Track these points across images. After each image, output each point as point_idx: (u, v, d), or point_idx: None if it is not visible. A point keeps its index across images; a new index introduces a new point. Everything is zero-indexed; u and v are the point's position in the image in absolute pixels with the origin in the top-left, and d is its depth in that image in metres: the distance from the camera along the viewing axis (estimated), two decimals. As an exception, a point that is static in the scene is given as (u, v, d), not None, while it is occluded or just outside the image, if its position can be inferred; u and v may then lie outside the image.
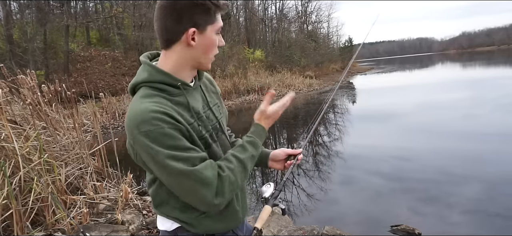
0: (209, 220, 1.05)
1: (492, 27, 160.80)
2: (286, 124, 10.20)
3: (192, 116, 0.98)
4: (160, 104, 0.91)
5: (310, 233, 3.20)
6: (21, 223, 2.74)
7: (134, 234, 3.15)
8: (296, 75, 23.02)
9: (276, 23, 32.04)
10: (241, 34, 27.55)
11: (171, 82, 0.97)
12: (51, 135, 3.88)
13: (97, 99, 9.96)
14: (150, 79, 0.98)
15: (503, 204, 3.73)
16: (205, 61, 1.01)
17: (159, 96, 0.94)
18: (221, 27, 1.01)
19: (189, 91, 1.02)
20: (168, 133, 0.88)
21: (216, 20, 0.98)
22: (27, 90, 3.88)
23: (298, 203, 4.30)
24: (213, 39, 0.99)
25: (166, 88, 0.97)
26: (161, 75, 0.97)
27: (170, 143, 0.88)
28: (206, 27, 0.96)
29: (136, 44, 18.24)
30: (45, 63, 14.52)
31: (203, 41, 0.97)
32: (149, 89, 0.96)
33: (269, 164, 1.26)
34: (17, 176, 2.86)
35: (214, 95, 1.17)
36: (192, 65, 1.02)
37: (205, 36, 0.97)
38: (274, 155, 1.26)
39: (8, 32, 13.46)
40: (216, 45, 1.01)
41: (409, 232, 3.22)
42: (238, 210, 1.12)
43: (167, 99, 0.95)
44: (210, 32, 0.97)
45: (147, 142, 0.87)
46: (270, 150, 1.27)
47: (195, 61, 1.01)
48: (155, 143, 0.87)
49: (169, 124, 0.89)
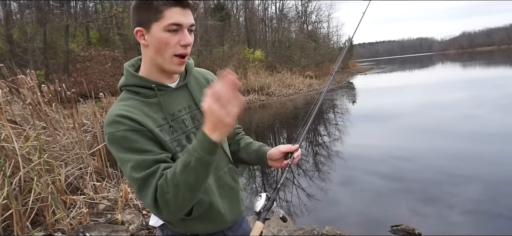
0: (189, 221, 1.04)
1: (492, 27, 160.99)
2: (286, 124, 10.20)
3: (164, 117, 0.98)
4: (127, 107, 0.94)
5: (310, 233, 3.20)
6: (21, 223, 2.74)
7: (134, 234, 3.15)
8: (296, 75, 23.02)
9: (276, 23, 32.03)
10: (241, 34, 27.54)
11: (144, 85, 0.98)
12: (51, 135, 3.88)
13: (97, 99, 9.92)
14: (126, 83, 1.01)
15: (504, 204, 3.72)
16: (162, 62, 0.95)
17: (133, 99, 0.97)
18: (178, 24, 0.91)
19: (167, 92, 1.01)
20: (126, 136, 0.89)
21: (163, 17, 0.90)
22: (27, 90, 3.88)
23: (298, 203, 4.30)
24: (162, 37, 0.91)
25: (141, 91, 0.98)
26: (134, 78, 0.99)
27: (126, 145, 0.89)
28: (150, 25, 0.92)
29: (136, 44, 18.19)
30: (45, 63, 14.52)
31: (152, 40, 0.93)
32: (126, 92, 1.00)
33: (269, 163, 1.21)
34: (17, 176, 2.86)
35: None
36: (156, 66, 0.98)
37: (151, 35, 0.93)
38: (270, 155, 1.18)
39: (8, 32, 13.46)
40: (172, 43, 0.92)
41: (409, 232, 3.21)
42: (224, 213, 1.08)
43: (140, 101, 0.97)
44: (156, 30, 0.91)
45: (110, 144, 0.92)
46: (269, 148, 1.21)
47: (154, 62, 0.97)
48: (114, 144, 0.90)
49: (128, 127, 0.90)
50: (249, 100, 16.04)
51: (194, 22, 0.96)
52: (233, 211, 1.12)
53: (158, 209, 0.88)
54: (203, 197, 1.02)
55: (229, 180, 1.12)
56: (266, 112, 13.13)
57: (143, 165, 0.88)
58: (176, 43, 0.93)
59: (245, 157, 1.24)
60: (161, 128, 0.96)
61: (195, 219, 1.04)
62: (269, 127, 9.85)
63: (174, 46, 0.93)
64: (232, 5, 27.30)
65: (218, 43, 19.75)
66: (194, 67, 1.14)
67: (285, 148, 1.16)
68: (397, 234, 3.26)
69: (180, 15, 0.91)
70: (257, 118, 11.51)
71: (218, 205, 1.06)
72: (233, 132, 1.27)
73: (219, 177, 1.09)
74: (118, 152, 0.90)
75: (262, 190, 4.93)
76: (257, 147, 1.23)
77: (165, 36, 0.92)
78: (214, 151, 0.83)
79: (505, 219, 3.41)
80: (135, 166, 0.88)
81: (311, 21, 39.49)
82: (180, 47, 0.94)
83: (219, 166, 1.10)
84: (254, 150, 1.22)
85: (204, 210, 1.04)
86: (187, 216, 1.02)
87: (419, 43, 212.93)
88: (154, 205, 0.87)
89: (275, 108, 13.94)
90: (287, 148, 1.16)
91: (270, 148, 1.20)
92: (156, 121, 0.95)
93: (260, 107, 14.49)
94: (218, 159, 1.07)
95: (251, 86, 17.41)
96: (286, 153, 1.16)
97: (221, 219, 1.08)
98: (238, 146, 1.26)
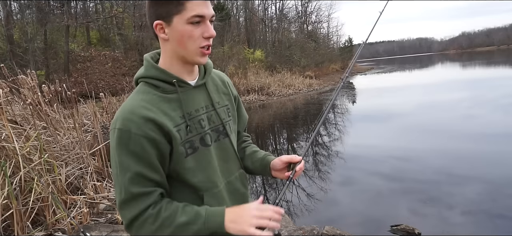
0: None
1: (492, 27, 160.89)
2: (286, 124, 10.20)
3: (182, 116, 0.94)
4: (145, 102, 0.90)
5: (310, 233, 3.20)
6: (22, 223, 2.74)
7: (134, 234, 3.15)
8: (296, 75, 23.03)
9: (276, 23, 32.03)
10: (241, 34, 27.55)
11: (165, 78, 0.94)
12: (52, 135, 3.89)
13: (97, 99, 9.93)
14: (145, 75, 0.96)
15: (504, 204, 3.73)
16: (185, 55, 0.93)
17: (151, 93, 0.93)
18: (200, 16, 0.89)
19: (186, 90, 0.97)
20: (139, 142, 0.86)
21: (185, 9, 0.87)
22: (28, 90, 3.89)
23: (298, 203, 4.30)
24: (185, 30, 0.89)
25: (160, 85, 0.94)
26: (155, 70, 0.95)
27: (135, 150, 0.86)
28: (171, 18, 0.89)
29: (136, 44, 18.25)
30: (45, 63, 14.52)
31: (173, 33, 0.90)
32: (144, 85, 0.96)
33: (272, 174, 1.14)
34: (18, 176, 2.86)
35: (224, 96, 1.11)
36: (178, 59, 0.95)
37: (173, 28, 0.90)
38: (273, 165, 1.12)
39: (9, 32, 13.46)
40: (195, 36, 0.90)
41: (409, 232, 3.22)
42: None
43: (159, 96, 0.93)
44: (178, 23, 0.88)
45: (116, 140, 0.87)
46: (274, 157, 1.14)
47: (176, 54, 0.94)
48: (121, 144, 0.86)
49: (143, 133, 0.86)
50: (249, 100, 16.04)
51: (214, 12, 0.93)
52: None
53: (130, 229, 0.87)
54: (211, 202, 0.98)
55: (239, 185, 1.09)
56: (266, 112, 13.13)
57: (143, 182, 0.85)
58: (200, 35, 0.90)
59: (249, 166, 1.19)
60: (179, 127, 0.92)
61: None
62: (269, 127, 9.85)
63: (198, 38, 0.90)
64: (232, 5, 27.30)
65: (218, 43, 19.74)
66: (213, 69, 1.12)
67: (287, 158, 1.09)
68: (397, 234, 3.27)
69: (202, 6, 0.88)
70: (257, 118, 11.51)
71: None
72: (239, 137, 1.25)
73: (229, 182, 1.06)
74: (121, 154, 0.86)
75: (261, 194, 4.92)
76: (261, 156, 1.17)
77: (188, 28, 0.89)
78: (214, 233, 0.86)
79: (505, 219, 3.41)
80: (135, 179, 0.85)
81: (311, 21, 39.55)
82: (204, 39, 0.91)
83: (231, 170, 1.06)
84: (259, 159, 1.17)
85: None
86: None
87: (419, 43, 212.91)
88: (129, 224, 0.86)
89: (275, 108, 13.94)
90: (289, 158, 1.09)
91: (274, 158, 1.15)
92: (174, 120, 0.92)
93: (260, 107, 14.49)
94: (230, 162, 1.06)
95: (251, 86, 17.41)
96: (288, 163, 1.10)
97: None
98: (243, 154, 1.22)
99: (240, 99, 1.23)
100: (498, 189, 4.14)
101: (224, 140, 1.04)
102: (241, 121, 1.23)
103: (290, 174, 1.07)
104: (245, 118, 1.24)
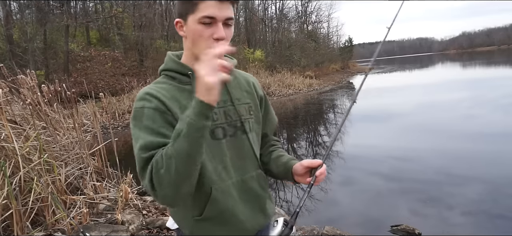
0: (202, 223, 1.00)
1: (492, 27, 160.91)
2: (286, 124, 10.20)
3: None
4: (159, 88, 0.97)
5: (310, 233, 3.20)
6: (21, 223, 2.74)
7: (134, 234, 3.15)
8: (296, 75, 23.03)
9: (276, 23, 32.04)
10: (241, 34, 27.54)
11: (181, 70, 1.00)
12: (51, 135, 3.88)
13: (97, 99, 9.95)
14: (165, 67, 1.04)
15: (504, 204, 3.72)
16: (198, 53, 0.93)
17: (167, 83, 0.99)
18: (211, 17, 0.90)
19: None
20: (147, 113, 0.91)
21: (198, 9, 0.90)
22: (27, 90, 3.88)
23: (298, 203, 4.30)
24: (196, 29, 0.92)
25: (176, 76, 1.00)
26: (173, 63, 1.02)
27: (144, 122, 0.90)
28: (187, 17, 0.93)
29: (136, 44, 18.23)
30: (45, 63, 14.51)
31: (188, 31, 0.95)
32: (163, 77, 1.03)
33: (295, 179, 1.09)
34: (17, 176, 2.86)
35: (247, 94, 1.11)
36: (193, 56, 0.97)
37: (188, 26, 0.94)
38: (295, 170, 1.08)
39: (8, 32, 13.45)
40: (205, 36, 0.91)
41: (409, 232, 3.21)
42: (243, 219, 1.02)
43: (174, 86, 0.99)
44: (191, 22, 0.92)
45: (131, 119, 0.94)
46: (296, 161, 1.10)
47: (191, 51, 0.98)
48: (135, 119, 0.93)
49: (152, 105, 0.92)
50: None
51: (232, 15, 0.94)
52: (255, 219, 1.06)
53: (154, 189, 0.84)
54: (218, 197, 0.98)
55: (256, 186, 1.07)
56: (266, 112, 13.12)
57: (151, 146, 0.87)
58: (209, 36, 0.92)
59: (274, 170, 1.15)
60: None
61: (209, 221, 1.00)
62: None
63: (207, 39, 0.92)
64: (232, 5, 27.23)
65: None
66: (237, 69, 1.13)
67: (308, 163, 1.05)
68: (397, 234, 3.26)
69: (214, 8, 0.90)
70: (257, 118, 11.50)
71: (236, 209, 1.01)
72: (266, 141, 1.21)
73: (244, 181, 1.04)
74: (135, 127, 0.92)
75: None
76: (285, 161, 1.12)
77: (198, 28, 0.92)
78: (206, 115, 0.80)
79: (506, 220, 3.41)
80: (143, 146, 0.88)
81: (311, 21, 39.57)
82: (213, 40, 0.92)
83: (245, 168, 1.05)
84: (283, 163, 1.12)
85: (219, 212, 0.99)
86: (199, 216, 0.99)
87: (419, 43, 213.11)
88: (150, 185, 0.84)
89: (275, 108, 13.77)
90: (309, 163, 1.04)
91: (295, 161, 1.10)
92: (184, 108, 0.94)
93: (260, 107, 14.49)
94: (246, 160, 1.04)
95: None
96: (310, 168, 1.05)
97: (239, 225, 1.02)
98: (270, 158, 1.17)
99: (269, 102, 1.21)
100: (498, 189, 4.13)
101: (241, 136, 1.04)
102: (269, 124, 1.20)
103: (311, 180, 1.02)
104: (273, 121, 1.22)
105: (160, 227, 3.32)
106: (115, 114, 11.33)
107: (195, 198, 0.97)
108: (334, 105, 13.60)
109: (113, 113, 11.37)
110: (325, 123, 9.77)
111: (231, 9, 0.94)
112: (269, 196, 1.14)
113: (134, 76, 15.96)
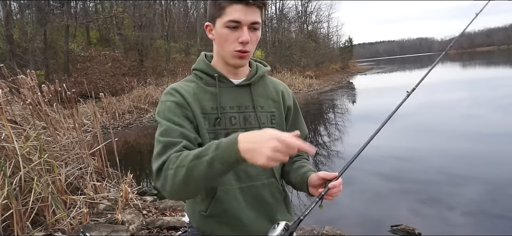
0: (207, 219, 1.03)
1: (492, 27, 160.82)
2: (286, 124, 10.18)
3: (214, 108, 1.00)
4: (185, 86, 1.02)
5: (310, 233, 3.20)
6: (21, 223, 2.74)
7: (134, 234, 3.15)
8: (296, 75, 23.04)
9: (276, 23, 32.03)
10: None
11: (208, 72, 1.04)
12: (51, 135, 3.88)
13: (97, 99, 9.94)
14: (195, 67, 1.08)
15: (504, 205, 3.72)
16: (224, 56, 1.00)
17: (194, 82, 1.04)
18: (236, 21, 0.92)
19: (226, 86, 1.04)
20: (170, 107, 0.97)
21: (225, 13, 0.93)
22: (27, 90, 3.88)
23: (298, 203, 4.30)
24: (222, 33, 0.95)
25: (204, 77, 1.04)
26: (202, 64, 1.06)
27: (167, 114, 0.95)
28: (215, 21, 0.97)
29: (136, 44, 18.22)
30: (45, 63, 14.50)
31: (216, 34, 0.99)
32: (193, 76, 1.07)
33: (310, 190, 1.07)
34: (17, 176, 2.86)
35: (273, 103, 1.09)
36: (220, 58, 1.03)
37: (216, 30, 0.98)
38: (310, 181, 1.05)
39: (8, 32, 13.44)
40: (230, 39, 0.95)
41: (409, 232, 3.21)
42: (247, 223, 1.02)
43: (199, 86, 1.03)
44: (218, 25, 0.96)
45: (157, 111, 0.99)
46: (313, 172, 1.07)
47: (219, 54, 1.03)
48: (160, 113, 0.98)
49: (175, 99, 0.97)
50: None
51: (258, 20, 0.96)
52: (259, 225, 1.05)
53: (157, 178, 0.88)
54: (223, 197, 1.00)
55: (266, 194, 1.06)
56: (266, 112, 13.11)
57: (171, 132, 0.91)
58: (235, 40, 0.95)
59: (292, 180, 1.14)
60: (206, 116, 0.99)
61: (213, 219, 1.02)
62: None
63: (233, 42, 0.96)
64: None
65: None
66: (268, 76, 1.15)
67: (324, 174, 1.00)
68: (397, 234, 3.26)
69: (240, 12, 0.92)
70: (257, 118, 11.50)
71: (240, 213, 1.02)
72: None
73: (253, 186, 1.03)
74: (159, 118, 0.96)
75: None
76: (304, 171, 1.09)
77: (225, 32, 0.95)
78: (232, 164, 0.77)
79: (506, 220, 3.41)
80: (163, 131, 0.92)
81: (311, 21, 39.53)
82: (239, 44, 0.95)
83: (257, 175, 1.04)
84: (301, 173, 1.10)
85: (222, 211, 1.01)
86: (205, 212, 1.02)
87: (419, 43, 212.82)
88: (156, 173, 0.88)
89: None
90: (325, 175, 1.00)
91: (311, 172, 1.06)
92: (204, 108, 0.99)
93: (260, 107, 14.48)
94: (259, 168, 1.02)
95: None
96: (325, 180, 1.00)
97: (242, 228, 1.03)
98: (291, 167, 1.16)
99: (300, 113, 1.20)
100: (498, 189, 4.13)
101: None
102: None
103: (322, 191, 0.96)
104: (302, 132, 1.17)
105: (160, 227, 3.32)
106: (115, 114, 11.33)
107: (202, 195, 1.02)
108: (334, 105, 13.60)
109: (113, 113, 11.37)
110: (325, 123, 9.77)
111: (258, 13, 0.96)
112: (286, 206, 1.14)
113: (134, 76, 15.95)
